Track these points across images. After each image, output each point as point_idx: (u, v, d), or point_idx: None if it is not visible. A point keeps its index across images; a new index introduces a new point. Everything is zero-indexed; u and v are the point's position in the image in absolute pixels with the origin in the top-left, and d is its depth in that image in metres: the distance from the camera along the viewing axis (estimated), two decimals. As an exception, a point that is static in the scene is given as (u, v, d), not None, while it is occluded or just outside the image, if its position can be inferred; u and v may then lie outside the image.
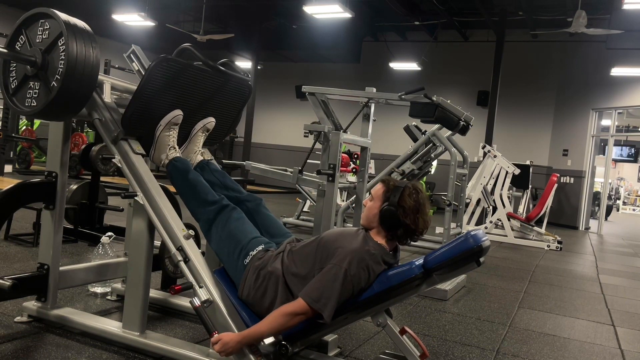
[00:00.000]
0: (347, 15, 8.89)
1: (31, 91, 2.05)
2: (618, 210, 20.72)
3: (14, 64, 2.10)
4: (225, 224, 2.02)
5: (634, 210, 22.40)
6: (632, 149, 14.96)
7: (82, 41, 1.96)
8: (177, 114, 2.22)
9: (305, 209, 6.98)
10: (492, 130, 10.07)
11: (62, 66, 1.94)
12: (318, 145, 3.01)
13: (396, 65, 12.53)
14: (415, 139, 5.35)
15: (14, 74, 2.11)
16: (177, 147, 2.25)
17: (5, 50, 2.03)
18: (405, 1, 10.38)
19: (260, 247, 1.97)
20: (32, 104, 2.05)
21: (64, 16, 1.98)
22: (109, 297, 2.82)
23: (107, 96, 2.22)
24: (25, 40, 2.05)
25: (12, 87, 2.11)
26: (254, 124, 13.05)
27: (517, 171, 7.52)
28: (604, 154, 11.84)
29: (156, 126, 2.21)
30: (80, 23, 2.02)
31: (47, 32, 2.01)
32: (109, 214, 4.49)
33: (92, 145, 4.31)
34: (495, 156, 7.53)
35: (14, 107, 2.10)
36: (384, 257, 1.86)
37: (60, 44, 1.96)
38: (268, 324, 1.78)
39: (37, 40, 2.03)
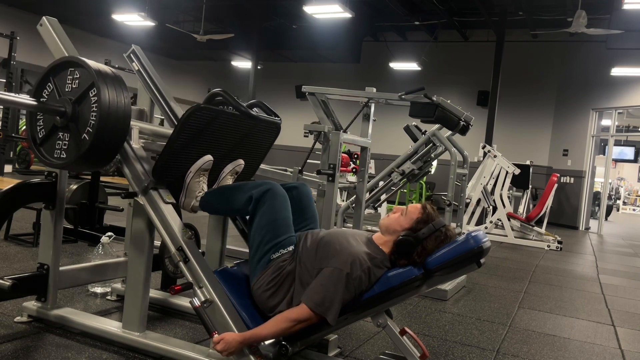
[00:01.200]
0: (347, 15, 8.89)
1: (60, 142, 1.98)
2: (618, 210, 20.73)
3: (42, 114, 2.04)
4: (271, 208, 1.96)
5: (634, 210, 22.40)
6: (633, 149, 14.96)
7: (113, 91, 1.89)
8: (208, 159, 2.16)
9: (305, 209, 6.96)
10: (492, 130, 10.06)
11: (94, 118, 1.88)
12: (318, 145, 3.01)
13: (396, 65, 12.53)
14: (415, 139, 5.34)
15: (42, 124, 2.04)
16: (206, 190, 2.20)
17: (33, 102, 1.96)
18: (405, 1, 10.38)
19: (291, 248, 1.95)
20: (62, 156, 1.98)
21: (94, 64, 1.92)
22: (109, 297, 2.82)
23: (135, 141, 2.13)
24: (53, 89, 1.99)
25: (40, 137, 2.04)
26: (254, 124, 13.03)
27: (517, 171, 7.52)
28: (604, 154, 11.84)
29: (186, 172, 2.15)
30: (111, 70, 1.96)
31: (77, 81, 1.95)
32: (109, 214, 4.49)
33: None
34: (495, 156, 7.53)
35: (42, 158, 2.02)
36: (384, 262, 1.86)
37: (91, 95, 1.90)
38: (271, 328, 1.77)
39: (67, 90, 1.97)
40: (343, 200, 6.91)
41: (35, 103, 1.97)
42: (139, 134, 2.16)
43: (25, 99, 1.98)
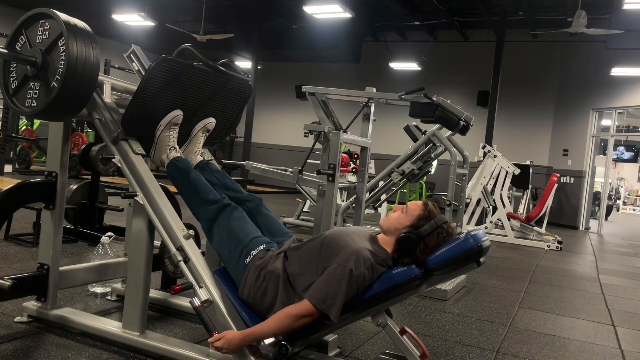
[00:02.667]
0: (347, 15, 8.89)
1: (31, 91, 2.05)
2: (618, 210, 20.73)
3: (14, 65, 2.10)
4: (227, 223, 2.02)
5: (634, 210, 22.40)
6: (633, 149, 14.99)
7: (82, 41, 1.96)
8: (177, 114, 2.22)
9: (305, 209, 6.98)
10: (492, 130, 10.07)
11: (62, 66, 1.94)
12: (318, 145, 3.01)
13: (396, 65, 12.52)
14: (415, 139, 5.34)
15: (14, 75, 2.11)
16: (177, 147, 2.25)
17: (5, 51, 2.03)
18: (405, 1, 10.38)
19: (261, 247, 1.97)
20: (33, 104, 2.05)
21: (64, 16, 1.98)
22: (109, 297, 2.82)
23: (107, 96, 2.22)
24: (25, 41, 2.05)
25: (13, 87, 2.11)
26: (254, 124, 13.04)
27: (517, 171, 7.52)
28: (604, 154, 11.84)
29: (156, 126, 2.21)
30: (81, 23, 2.02)
31: (47, 32, 2.01)
32: (109, 214, 4.49)
33: (92, 145, 4.31)
34: (495, 156, 7.53)
35: (14, 107, 2.10)
36: (386, 260, 1.86)
37: (60, 44, 1.96)
38: (272, 325, 1.77)
39: (38, 41, 2.03)
40: (343, 200, 6.91)
41: (6, 51, 2.03)
42: (112, 91, 2.25)
43: None
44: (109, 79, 2.29)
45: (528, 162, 9.48)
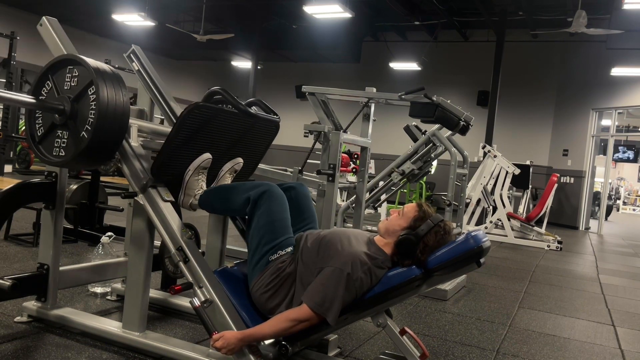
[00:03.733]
0: (347, 15, 8.89)
1: (59, 140, 1.99)
2: (618, 210, 20.72)
3: (40, 112, 2.05)
4: (269, 209, 1.95)
5: (634, 210, 22.40)
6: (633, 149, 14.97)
7: (112, 88, 1.90)
8: (206, 157, 2.15)
9: (305, 209, 6.96)
10: (492, 130, 10.06)
11: (92, 116, 1.88)
12: (318, 145, 3.01)
13: (396, 65, 12.52)
14: (415, 139, 5.34)
15: (40, 122, 2.04)
16: (205, 189, 2.20)
17: (32, 100, 1.96)
18: (405, 1, 10.38)
19: (289, 249, 1.95)
20: (61, 154, 1.99)
21: (93, 62, 1.92)
22: (109, 297, 2.82)
23: (134, 139, 2.12)
24: (52, 87, 1.99)
25: (39, 135, 2.04)
26: (254, 124, 13.03)
27: (517, 171, 7.52)
28: (604, 154, 11.84)
29: (185, 171, 2.15)
30: (109, 69, 1.97)
31: (75, 79, 1.95)
32: (109, 214, 4.49)
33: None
34: (495, 156, 7.53)
35: (41, 156, 2.03)
36: (385, 262, 1.86)
37: (90, 93, 1.90)
38: (271, 327, 1.77)
39: (65, 87, 1.97)
40: (343, 200, 6.91)
41: (34, 101, 1.97)
42: (138, 132, 2.16)
43: (24, 97, 1.98)
44: (136, 122, 2.20)
45: (528, 162, 9.48)
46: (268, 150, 2.57)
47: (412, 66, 12.28)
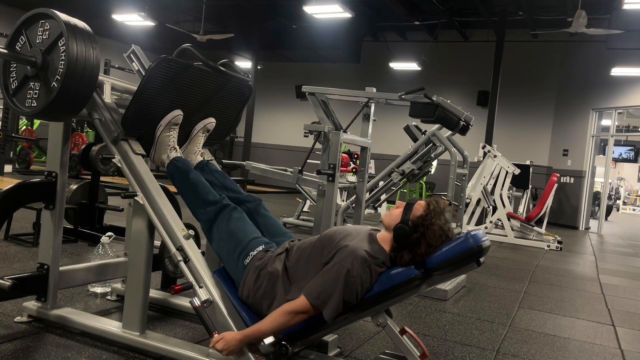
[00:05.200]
0: (347, 15, 8.89)
1: (31, 92, 2.05)
2: (618, 210, 20.73)
3: (14, 65, 2.10)
4: (226, 224, 2.02)
5: (634, 210, 22.40)
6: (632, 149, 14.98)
7: (82, 41, 1.96)
8: (178, 114, 2.22)
9: (305, 209, 6.98)
10: (492, 130, 10.07)
11: (62, 67, 1.94)
12: (318, 145, 3.01)
13: (396, 65, 12.53)
14: (415, 139, 5.34)
15: (14, 75, 2.10)
16: (177, 147, 2.25)
17: (5, 51, 2.03)
18: (405, 1, 10.38)
19: (260, 248, 1.97)
20: (33, 105, 2.04)
21: (64, 16, 1.98)
22: (109, 297, 2.82)
23: (107, 96, 2.21)
24: (25, 41, 2.05)
25: (13, 87, 2.10)
26: (254, 124, 13.05)
27: (517, 171, 7.52)
28: (604, 154, 11.84)
29: (156, 126, 2.21)
30: (81, 23, 2.02)
31: (47, 32, 2.01)
32: (109, 214, 4.49)
33: (92, 145, 4.31)
34: (495, 156, 7.53)
35: (14, 107, 2.10)
36: (385, 262, 1.86)
37: (60, 45, 1.95)
38: (270, 323, 1.78)
39: (38, 41, 2.02)
40: (343, 200, 6.91)
41: (6, 51, 2.02)
42: (112, 91, 2.24)
43: None
44: (109, 79, 2.29)
45: (528, 162, 9.48)
46: (268, 150, 2.57)
47: (412, 66, 12.28)
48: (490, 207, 7.60)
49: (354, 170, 6.47)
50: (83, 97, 2.03)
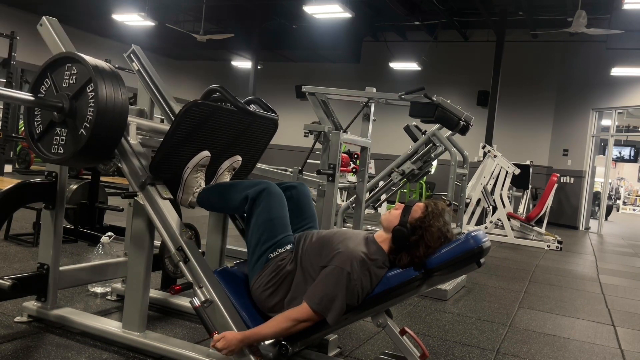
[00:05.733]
0: (347, 15, 8.89)
1: (58, 138, 1.99)
2: (618, 210, 20.72)
3: (39, 109, 2.05)
4: (268, 207, 1.96)
5: (634, 210, 22.40)
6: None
7: (110, 86, 1.90)
8: (205, 155, 2.16)
9: (305, 209, 6.95)
10: (492, 130, 10.06)
11: (91, 114, 1.88)
12: (318, 145, 3.01)
13: (396, 65, 12.52)
14: (415, 139, 5.34)
15: (39, 119, 2.05)
16: (204, 187, 2.20)
17: (31, 98, 1.96)
18: (405, 1, 10.38)
19: (288, 247, 1.95)
20: (59, 151, 1.99)
21: (92, 60, 1.93)
22: (109, 297, 2.82)
23: (133, 137, 2.13)
24: (50, 85, 1.99)
25: (37, 132, 2.05)
26: (254, 124, 13.02)
27: (517, 171, 7.52)
28: (604, 154, 11.84)
29: (183, 168, 2.15)
30: (108, 66, 1.97)
31: (74, 77, 1.95)
32: (109, 214, 4.49)
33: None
34: (495, 156, 7.53)
35: (40, 153, 2.03)
36: (385, 262, 1.86)
37: (89, 90, 1.90)
38: (272, 327, 1.77)
39: (64, 85, 1.97)
40: (343, 200, 6.90)
41: (32, 98, 1.97)
42: (137, 130, 2.17)
43: (23, 94, 1.98)
44: (134, 120, 2.20)
45: (528, 162, 9.48)
46: (268, 150, 2.57)
47: (412, 66, 12.28)
48: (490, 207, 7.60)
49: (354, 170, 6.47)
50: (112, 144, 1.97)
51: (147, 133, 2.32)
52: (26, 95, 1.97)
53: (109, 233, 3.08)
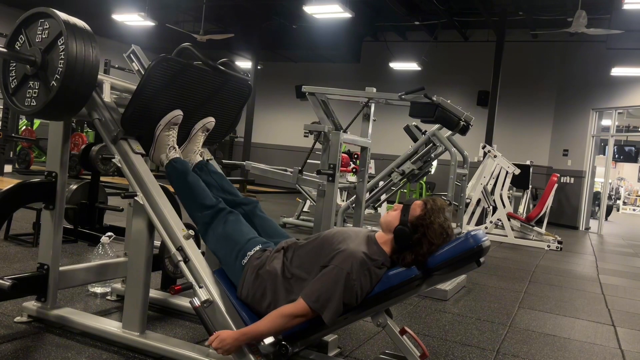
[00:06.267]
0: (347, 15, 8.89)
1: (31, 91, 2.05)
2: (618, 210, 20.72)
3: (14, 64, 2.10)
4: (223, 226, 2.03)
5: (634, 210, 22.40)
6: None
7: (81, 41, 1.96)
8: (177, 113, 2.22)
9: (305, 209, 6.98)
10: (492, 130, 10.07)
11: (61, 66, 1.94)
12: (318, 145, 3.01)
13: (396, 65, 12.53)
14: (415, 139, 5.34)
15: (14, 74, 2.10)
16: (177, 146, 2.25)
17: (4, 50, 2.03)
18: (405, 1, 10.38)
19: (257, 247, 1.97)
20: (32, 104, 2.05)
21: (63, 16, 1.98)
22: (109, 297, 2.82)
23: (107, 96, 2.21)
24: (25, 40, 2.05)
25: (12, 86, 2.10)
26: (254, 124, 13.04)
27: (517, 171, 7.52)
28: (604, 154, 11.84)
29: (156, 126, 2.21)
30: (80, 23, 2.02)
31: (46, 31, 2.01)
32: (109, 214, 4.49)
33: (92, 145, 4.30)
34: (495, 156, 7.53)
35: (14, 106, 2.10)
36: (385, 263, 1.86)
37: (60, 44, 1.95)
38: (267, 324, 1.77)
39: (37, 40, 2.03)
40: (343, 200, 6.91)
41: (6, 50, 2.02)
42: (112, 91, 2.24)
43: None
44: (109, 78, 2.29)
45: (528, 162, 9.48)
46: (268, 150, 2.58)
47: (412, 66, 12.28)
48: (490, 207, 7.60)
49: (354, 170, 6.47)
50: (82, 97, 2.03)
51: (122, 93, 2.39)
52: (0, 48, 2.02)
53: (109, 233, 3.08)
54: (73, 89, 1.96)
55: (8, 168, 9.00)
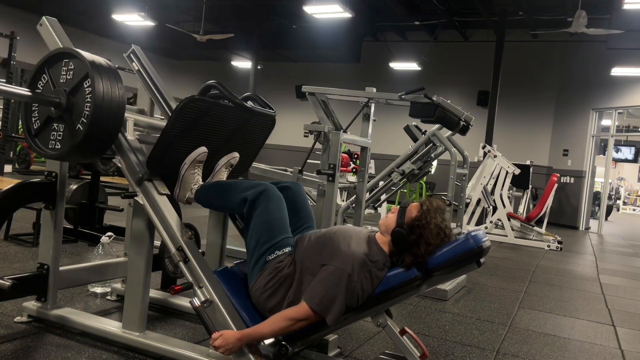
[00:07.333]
0: (347, 15, 8.89)
1: (55, 133, 2.00)
2: (618, 210, 20.71)
3: (37, 105, 2.06)
4: (267, 210, 1.95)
5: (634, 210, 22.39)
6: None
7: (107, 82, 1.91)
8: (202, 151, 2.17)
9: (305, 209, 6.95)
10: (492, 130, 10.06)
11: (88, 109, 1.89)
12: (318, 145, 3.01)
13: (396, 65, 12.52)
14: (415, 139, 5.34)
15: (37, 114, 2.06)
16: (201, 183, 2.20)
17: (28, 93, 1.97)
18: (405, 1, 10.38)
19: (287, 249, 1.94)
20: (57, 147, 1.99)
21: (89, 56, 1.93)
22: (109, 297, 2.82)
23: (131, 133, 2.13)
24: (48, 80, 2.00)
25: (34, 127, 2.05)
26: (254, 124, 13.02)
27: (517, 171, 7.52)
28: (604, 154, 11.84)
29: (181, 164, 2.15)
30: (105, 62, 1.97)
31: (71, 72, 1.96)
32: (109, 214, 4.49)
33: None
34: (495, 156, 7.53)
35: (37, 149, 2.04)
36: (386, 263, 1.86)
37: (86, 86, 1.91)
38: (270, 326, 1.77)
39: (61, 81, 1.98)
40: (343, 200, 6.90)
41: (29, 94, 1.98)
42: (135, 127, 2.18)
43: (20, 89, 2.00)
44: (132, 116, 2.21)
45: (528, 162, 9.48)
46: (268, 150, 2.57)
47: (412, 66, 12.28)
48: (490, 207, 7.60)
49: (354, 170, 6.47)
50: (109, 139, 1.98)
51: (145, 129, 2.33)
52: (23, 91, 1.98)
53: (109, 233, 3.08)
54: (100, 132, 1.92)
55: (8, 168, 8.99)
